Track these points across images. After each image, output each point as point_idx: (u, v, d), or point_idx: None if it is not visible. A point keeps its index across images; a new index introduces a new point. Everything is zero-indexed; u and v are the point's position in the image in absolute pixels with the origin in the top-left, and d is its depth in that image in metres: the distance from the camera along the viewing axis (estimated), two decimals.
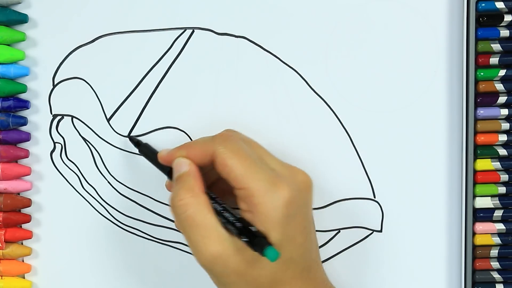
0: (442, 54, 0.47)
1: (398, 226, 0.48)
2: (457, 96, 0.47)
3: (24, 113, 0.48)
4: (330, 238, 0.48)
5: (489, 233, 0.47)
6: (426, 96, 0.47)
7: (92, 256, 0.49)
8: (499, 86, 0.46)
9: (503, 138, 0.47)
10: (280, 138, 0.48)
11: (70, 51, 0.48)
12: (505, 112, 0.47)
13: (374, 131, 0.48)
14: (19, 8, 0.47)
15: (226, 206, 0.40)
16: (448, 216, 0.48)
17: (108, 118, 0.48)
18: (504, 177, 0.47)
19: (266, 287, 0.40)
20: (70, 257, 0.49)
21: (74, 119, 0.48)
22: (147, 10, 0.47)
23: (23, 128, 0.48)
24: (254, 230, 0.38)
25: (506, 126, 0.47)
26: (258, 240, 0.37)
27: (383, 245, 0.48)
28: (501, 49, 0.46)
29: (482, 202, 0.47)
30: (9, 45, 0.47)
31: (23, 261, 0.49)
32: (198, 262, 0.40)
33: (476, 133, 0.47)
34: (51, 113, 0.48)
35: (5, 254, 0.48)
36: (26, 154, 0.48)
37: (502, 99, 0.46)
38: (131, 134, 0.48)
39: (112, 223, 0.49)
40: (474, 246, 0.47)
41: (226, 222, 0.39)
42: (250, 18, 0.47)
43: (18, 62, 0.48)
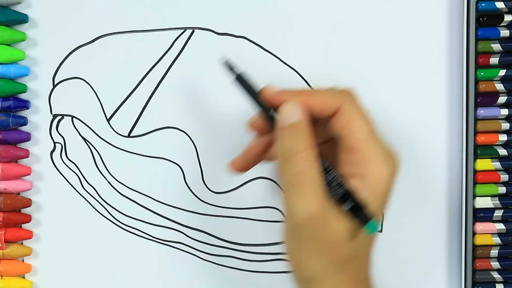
0: (442, 54, 0.47)
1: (398, 226, 0.48)
2: (457, 96, 0.47)
3: (24, 113, 0.48)
4: None
5: (489, 233, 0.47)
6: (426, 96, 0.47)
7: (92, 256, 0.49)
8: (499, 86, 0.46)
9: (503, 138, 0.47)
10: None
11: (70, 51, 0.48)
12: (505, 112, 0.47)
13: None
14: (19, 8, 0.47)
15: (332, 166, 0.38)
16: (448, 216, 0.48)
17: (108, 118, 0.48)
18: (504, 177, 0.47)
19: (341, 263, 0.38)
20: (70, 257, 0.49)
21: (74, 119, 0.48)
22: (147, 10, 0.47)
23: (23, 128, 0.48)
24: (357, 199, 0.36)
25: (506, 126, 0.47)
26: (362, 209, 0.36)
27: (383, 245, 0.48)
28: (501, 49, 0.46)
29: (482, 202, 0.47)
30: (9, 45, 0.47)
31: (23, 261, 0.49)
32: (293, 220, 0.37)
33: (476, 133, 0.47)
34: (51, 113, 0.48)
35: (5, 254, 0.48)
36: (26, 154, 0.48)
37: (502, 99, 0.46)
38: (131, 134, 0.48)
39: (112, 223, 0.49)
40: (474, 246, 0.47)
41: (331, 183, 0.37)
42: (250, 18, 0.47)
43: (18, 62, 0.48)
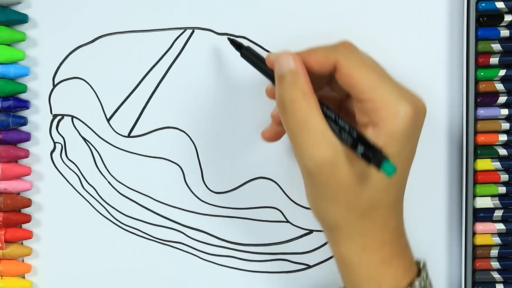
0: (442, 54, 0.47)
1: None
2: (457, 96, 0.47)
3: (24, 113, 0.48)
4: None
5: (489, 233, 0.47)
6: (426, 96, 0.47)
7: (92, 256, 0.49)
8: (499, 86, 0.46)
9: (503, 138, 0.47)
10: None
11: (70, 51, 0.48)
12: (505, 112, 0.46)
13: None
14: (19, 8, 0.47)
15: (338, 114, 0.38)
16: (448, 216, 0.48)
17: (108, 118, 0.48)
18: (504, 177, 0.47)
19: (361, 211, 0.37)
20: (70, 257, 0.49)
21: (74, 119, 0.48)
22: (147, 10, 0.47)
23: (23, 128, 0.48)
24: (371, 142, 0.36)
25: (506, 126, 0.47)
26: (376, 152, 0.35)
27: None
28: (501, 49, 0.46)
29: (482, 202, 0.47)
30: (9, 45, 0.47)
31: (23, 261, 0.49)
32: (304, 168, 0.37)
33: (476, 133, 0.47)
34: (51, 113, 0.48)
35: (5, 254, 0.48)
36: (26, 154, 0.48)
37: (502, 99, 0.46)
38: (131, 134, 0.48)
39: (112, 223, 0.49)
40: (474, 246, 0.47)
41: (340, 130, 0.37)
42: (250, 18, 0.47)
43: (18, 62, 0.47)
